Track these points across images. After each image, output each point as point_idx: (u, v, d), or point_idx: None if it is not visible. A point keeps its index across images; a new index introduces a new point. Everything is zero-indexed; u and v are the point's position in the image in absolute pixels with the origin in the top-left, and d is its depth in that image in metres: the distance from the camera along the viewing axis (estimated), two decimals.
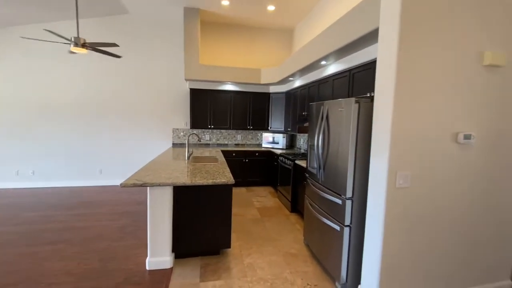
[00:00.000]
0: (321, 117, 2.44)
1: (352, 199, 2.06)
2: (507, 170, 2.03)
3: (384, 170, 1.77)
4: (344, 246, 2.10)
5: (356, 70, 2.81)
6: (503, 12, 1.85)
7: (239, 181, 5.30)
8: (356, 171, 2.04)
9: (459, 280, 2.04)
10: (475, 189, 1.96)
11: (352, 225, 2.09)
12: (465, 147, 1.88)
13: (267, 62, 5.78)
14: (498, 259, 2.12)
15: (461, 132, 1.85)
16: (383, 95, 1.79)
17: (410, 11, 1.66)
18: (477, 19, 1.80)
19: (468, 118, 1.87)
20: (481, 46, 1.83)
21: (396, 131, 1.73)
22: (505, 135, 1.98)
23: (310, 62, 3.42)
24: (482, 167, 1.95)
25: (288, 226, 3.47)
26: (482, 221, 2.02)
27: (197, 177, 2.48)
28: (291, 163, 3.94)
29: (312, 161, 2.68)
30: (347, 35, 2.52)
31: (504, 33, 1.87)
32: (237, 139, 5.81)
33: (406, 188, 1.79)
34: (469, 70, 1.83)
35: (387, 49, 1.76)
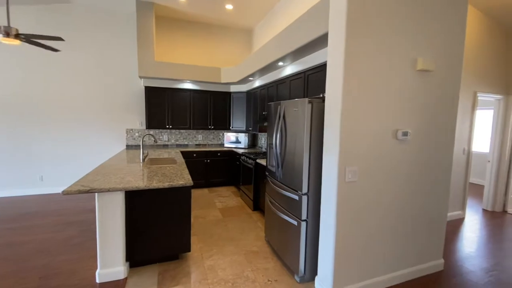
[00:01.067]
0: (278, 117, 2.51)
1: (307, 195, 2.16)
2: (434, 161, 2.32)
3: (335, 166, 1.89)
4: (302, 239, 2.20)
5: (310, 72, 2.94)
6: (433, 24, 2.10)
7: (201, 182, 5.19)
8: (310, 168, 2.14)
9: (400, 262, 2.27)
10: (410, 180, 2.21)
11: (309, 219, 2.19)
12: (403, 142, 2.11)
13: (227, 61, 5.75)
14: (432, 242, 2.42)
15: (400, 129, 2.06)
16: (333, 96, 1.91)
17: (354, 21, 1.79)
18: (411, 30, 2.02)
19: (405, 116, 2.09)
20: (414, 53, 2.06)
21: (344, 129, 1.86)
22: (433, 131, 2.26)
23: (267, 63, 3.49)
24: (415, 160, 2.20)
25: (250, 224, 3.50)
26: (417, 208, 2.29)
27: (153, 181, 2.36)
28: (252, 162, 3.98)
29: (272, 159, 2.74)
30: (301, 38, 2.62)
31: (432, 42, 2.13)
32: (198, 139, 5.67)
33: (354, 182, 1.94)
34: (405, 74, 2.05)
35: (335, 53, 1.87)
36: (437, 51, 2.16)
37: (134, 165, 3.13)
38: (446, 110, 2.30)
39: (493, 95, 4.00)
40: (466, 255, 2.85)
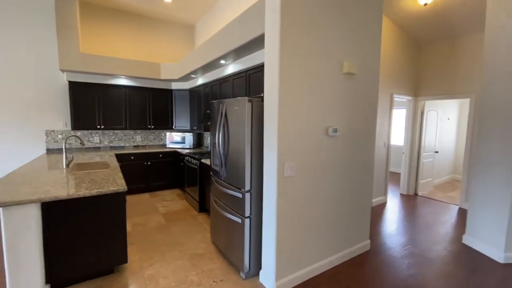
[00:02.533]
0: (220, 115, 2.48)
1: (250, 192, 2.20)
2: (360, 155, 2.62)
3: (274, 162, 1.96)
4: (246, 236, 2.22)
5: (251, 72, 2.99)
6: (356, 32, 2.36)
7: (141, 187, 4.81)
8: (253, 165, 2.18)
9: (334, 247, 2.50)
10: (341, 172, 2.45)
11: (252, 215, 2.23)
12: (333, 139, 2.32)
13: (168, 57, 5.44)
14: (360, 226, 2.73)
15: (330, 126, 2.26)
16: (270, 95, 1.97)
17: (288, 25, 1.88)
18: (339, 36, 2.22)
19: (335, 115, 2.30)
20: (341, 56, 2.28)
21: (282, 127, 1.94)
22: (358, 128, 2.55)
23: (209, 60, 3.42)
24: (344, 153, 2.45)
25: (196, 227, 3.40)
26: (347, 196, 2.55)
27: (79, 188, 2.08)
28: (197, 163, 3.86)
29: (215, 158, 2.70)
30: (240, 37, 2.64)
31: (355, 48, 2.39)
32: (137, 140, 5.24)
33: (292, 177, 2.05)
34: (334, 76, 2.25)
35: (271, 55, 1.94)
36: (359, 57, 2.43)
37: (56, 171, 2.71)
38: (368, 109, 2.62)
39: (405, 96, 4.72)
40: (388, 234, 3.31)
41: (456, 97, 4.38)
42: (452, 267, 2.56)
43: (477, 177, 2.87)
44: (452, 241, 3.10)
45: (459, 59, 4.27)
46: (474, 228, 2.93)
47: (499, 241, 2.66)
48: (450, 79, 4.41)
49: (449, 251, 2.87)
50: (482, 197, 2.82)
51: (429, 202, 4.63)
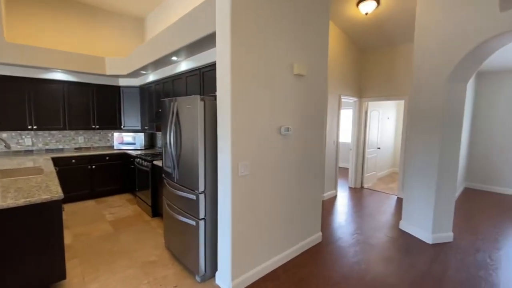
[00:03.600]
0: (172, 114, 2.37)
1: (205, 193, 2.15)
2: (311, 152, 2.76)
3: (228, 161, 1.95)
4: (201, 238, 2.17)
5: (205, 69, 2.93)
6: (305, 36, 2.47)
7: (85, 193, 4.35)
8: (206, 165, 2.13)
9: (288, 242, 2.60)
10: (293, 169, 2.55)
11: (207, 217, 2.18)
12: (286, 137, 2.40)
13: (115, 51, 5.00)
14: (312, 219, 2.88)
15: (283, 125, 2.34)
16: (223, 94, 1.95)
17: (238, 25, 1.88)
18: (290, 38, 2.30)
19: (287, 114, 2.38)
20: (291, 59, 2.37)
21: (235, 126, 1.94)
22: (309, 126, 2.68)
23: (160, 56, 3.25)
24: (296, 151, 2.56)
25: (149, 233, 3.20)
26: (300, 192, 2.67)
27: (2, 198, 1.78)
28: (148, 165, 3.64)
29: (167, 160, 2.57)
30: (192, 33, 2.56)
31: (304, 51, 2.50)
32: (79, 142, 4.72)
33: (247, 175, 2.06)
34: (284, 77, 2.32)
35: (223, 54, 1.92)
36: (308, 59, 2.55)
37: None
38: (318, 109, 2.77)
39: (351, 97, 5.13)
40: (338, 225, 3.56)
41: (394, 98, 4.91)
42: (391, 251, 2.86)
43: (409, 169, 3.26)
44: (391, 228, 3.47)
45: (396, 65, 4.79)
46: (408, 214, 3.32)
47: (428, 225, 3.06)
48: (389, 83, 4.93)
49: (388, 236, 3.20)
50: (413, 186, 3.22)
51: (373, 194, 5.11)
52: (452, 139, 2.94)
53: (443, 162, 2.94)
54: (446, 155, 2.94)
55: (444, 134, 2.90)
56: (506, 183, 5.26)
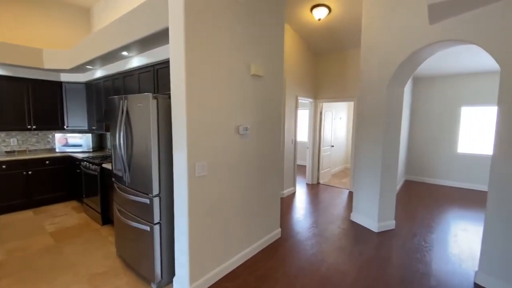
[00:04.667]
0: (121, 113, 2.21)
1: (159, 196, 2.05)
2: (269, 150, 2.83)
3: (184, 162, 1.89)
4: (156, 244, 2.07)
5: (160, 66, 2.79)
6: (261, 37, 2.51)
7: (21, 203, 3.82)
8: (161, 167, 2.04)
9: (249, 240, 2.62)
10: (253, 167, 2.58)
11: (162, 221, 2.09)
12: (244, 136, 2.41)
13: (57, 43, 4.46)
14: (271, 216, 2.95)
15: (241, 125, 2.35)
16: (177, 93, 1.89)
17: (193, 23, 1.83)
18: (246, 39, 2.32)
19: (245, 113, 2.40)
20: (248, 59, 2.39)
21: (191, 126, 1.89)
22: (267, 126, 2.75)
23: (108, 50, 3.00)
24: (255, 150, 2.60)
25: (98, 242, 2.94)
26: (259, 190, 2.71)
27: None
28: (97, 168, 3.34)
29: (117, 162, 2.39)
30: (143, 28, 2.42)
31: (261, 52, 2.55)
32: (11, 145, 4.12)
33: (204, 176, 2.03)
34: (242, 77, 2.34)
35: (177, 51, 1.85)
36: (265, 61, 2.61)
37: None
38: (276, 109, 2.85)
39: (308, 99, 5.38)
40: (296, 220, 3.70)
41: (345, 100, 5.29)
42: (343, 241, 3.08)
43: (358, 165, 3.55)
44: (344, 219, 3.74)
45: (346, 68, 5.16)
46: (358, 206, 3.61)
47: (374, 215, 3.36)
48: (340, 85, 5.29)
49: (341, 228, 3.44)
50: (361, 180, 3.51)
51: (328, 189, 5.44)
52: (392, 137, 3.28)
53: (385, 158, 3.26)
54: (388, 152, 3.27)
55: (386, 133, 3.22)
56: (439, 175, 6.06)
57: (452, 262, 2.65)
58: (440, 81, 5.90)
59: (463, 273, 2.45)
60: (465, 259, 2.70)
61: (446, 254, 2.80)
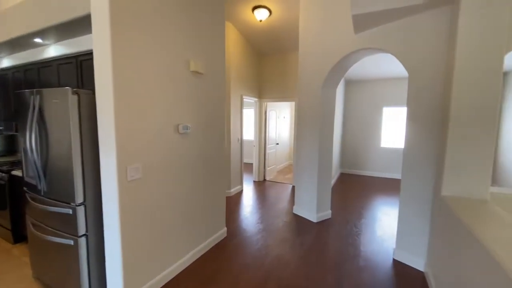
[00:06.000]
0: (32, 110, 1.88)
1: (84, 204, 1.81)
2: (213, 150, 2.79)
3: (113, 166, 1.71)
4: (82, 259, 1.82)
5: (84, 57, 2.46)
6: (202, 34, 2.43)
7: None
8: (85, 172, 1.80)
9: (193, 242, 2.54)
10: (195, 168, 2.50)
11: (89, 232, 1.85)
12: (185, 136, 2.31)
13: None
14: (216, 216, 2.91)
15: (181, 123, 2.24)
16: (103, 88, 1.69)
17: (120, 13, 1.67)
18: (185, 34, 2.21)
19: (185, 112, 2.30)
20: (187, 55, 2.29)
21: (121, 126, 1.72)
22: (210, 125, 2.69)
23: (18, 35, 2.52)
24: (197, 150, 2.52)
25: (8, 263, 2.46)
26: (203, 191, 2.64)
27: None
28: (4, 176, 2.78)
29: (29, 169, 2.03)
30: (63, 11, 2.10)
31: (202, 49, 2.47)
32: None
33: (139, 179, 1.87)
34: (181, 74, 2.23)
35: (101, 42, 1.66)
36: (205, 58, 2.54)
37: None
38: (219, 108, 2.81)
39: (252, 98, 5.47)
40: (243, 217, 3.74)
41: (287, 100, 5.56)
42: (286, 233, 3.23)
43: (298, 161, 3.77)
44: (287, 213, 3.93)
45: (288, 70, 5.42)
46: (299, 200, 3.84)
47: (313, 207, 3.62)
48: (282, 86, 5.53)
49: (284, 221, 3.61)
50: (302, 175, 3.74)
51: (274, 185, 5.66)
52: (327, 135, 3.58)
53: (321, 154, 3.54)
54: (324, 148, 3.56)
55: (321, 131, 3.49)
56: (368, 167, 6.86)
57: (376, 242, 3.03)
58: (367, 84, 6.69)
59: (384, 251, 2.83)
60: (387, 239, 3.12)
61: (372, 236, 3.19)
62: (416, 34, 2.39)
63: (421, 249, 2.47)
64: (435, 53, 2.30)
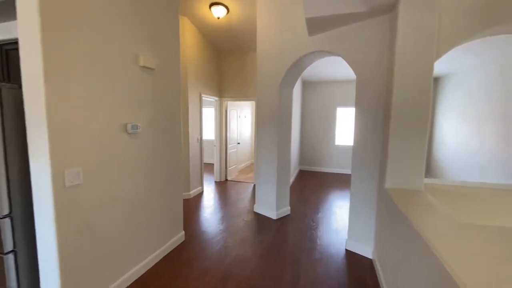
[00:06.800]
0: None
1: (10, 216, 1.57)
2: (167, 151, 2.66)
3: (47, 170, 1.50)
4: (10, 279, 1.58)
5: (11, 46, 2.13)
6: (151, 28, 2.29)
7: None
8: (11, 178, 1.56)
9: (148, 248, 2.39)
10: (147, 170, 2.35)
11: (18, 249, 1.61)
12: (134, 136, 2.16)
13: None
14: (173, 220, 2.78)
15: (129, 123, 2.08)
16: (32, 83, 1.48)
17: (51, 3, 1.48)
18: (133, 27, 2.05)
19: (134, 110, 2.14)
20: (136, 49, 2.13)
21: (55, 124, 1.52)
22: (164, 124, 2.55)
23: None
24: (150, 151, 2.37)
25: None
26: (157, 194, 2.50)
27: None
28: None
29: None
30: None
31: (152, 43, 2.33)
32: None
33: (79, 185, 1.68)
34: (129, 69, 2.07)
35: (28, 28, 1.45)
36: (157, 53, 2.40)
37: None
38: (174, 106, 2.68)
39: (212, 97, 5.37)
40: (203, 219, 3.64)
41: (248, 99, 5.57)
42: (246, 232, 3.24)
43: (259, 160, 3.81)
44: (248, 212, 3.94)
45: (248, 69, 5.43)
46: (260, 198, 3.88)
47: (273, 204, 3.69)
48: (242, 85, 5.53)
49: (245, 220, 3.62)
50: (262, 173, 3.79)
51: (235, 184, 5.63)
52: (285, 133, 3.68)
53: (280, 152, 3.63)
54: (282, 146, 3.65)
55: (280, 130, 3.58)
56: (324, 164, 7.25)
57: (331, 235, 3.21)
58: (323, 85, 7.06)
59: (338, 242, 3.01)
60: (340, 231, 3.32)
61: (328, 229, 3.37)
62: (363, 39, 2.58)
63: (369, 238, 2.68)
64: (379, 58, 2.50)
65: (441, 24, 2.12)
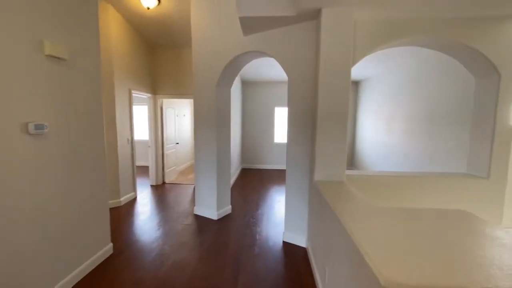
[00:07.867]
0: None
1: None
2: (86, 154, 2.33)
3: None
4: None
5: None
6: (60, 12, 1.95)
7: None
8: None
9: (63, 269, 2.04)
10: (61, 177, 2.01)
11: None
12: (39, 137, 1.81)
13: None
14: (98, 232, 2.46)
15: (32, 122, 1.74)
16: None
17: None
18: (32, 6, 1.71)
19: (39, 107, 1.80)
20: (40, 34, 1.79)
21: None
22: (80, 123, 2.23)
23: None
24: (63, 155, 2.03)
25: None
26: (75, 205, 2.17)
27: None
28: None
29: None
30: None
31: (62, 29, 1.99)
32: None
33: None
34: (30, 57, 1.73)
35: None
36: (69, 40, 2.07)
37: None
38: (93, 103, 2.36)
39: (145, 93, 4.96)
40: (136, 227, 3.33)
41: (185, 97, 5.33)
42: (185, 236, 3.10)
43: (198, 160, 3.69)
44: (187, 215, 3.78)
45: (184, 66, 5.19)
46: (200, 200, 3.77)
47: (213, 204, 3.63)
48: (179, 82, 5.26)
49: (184, 224, 3.46)
50: (201, 174, 3.68)
51: (174, 187, 5.34)
52: (224, 132, 3.65)
53: (220, 151, 3.59)
54: (222, 145, 3.61)
55: (218, 129, 3.53)
56: (265, 161, 7.50)
57: (269, 229, 3.33)
58: (261, 85, 7.29)
59: (276, 235, 3.15)
60: (278, 224, 3.48)
61: (266, 224, 3.49)
62: (293, 42, 2.74)
63: (303, 229, 2.88)
64: (307, 61, 2.70)
65: (356, 34, 2.41)
